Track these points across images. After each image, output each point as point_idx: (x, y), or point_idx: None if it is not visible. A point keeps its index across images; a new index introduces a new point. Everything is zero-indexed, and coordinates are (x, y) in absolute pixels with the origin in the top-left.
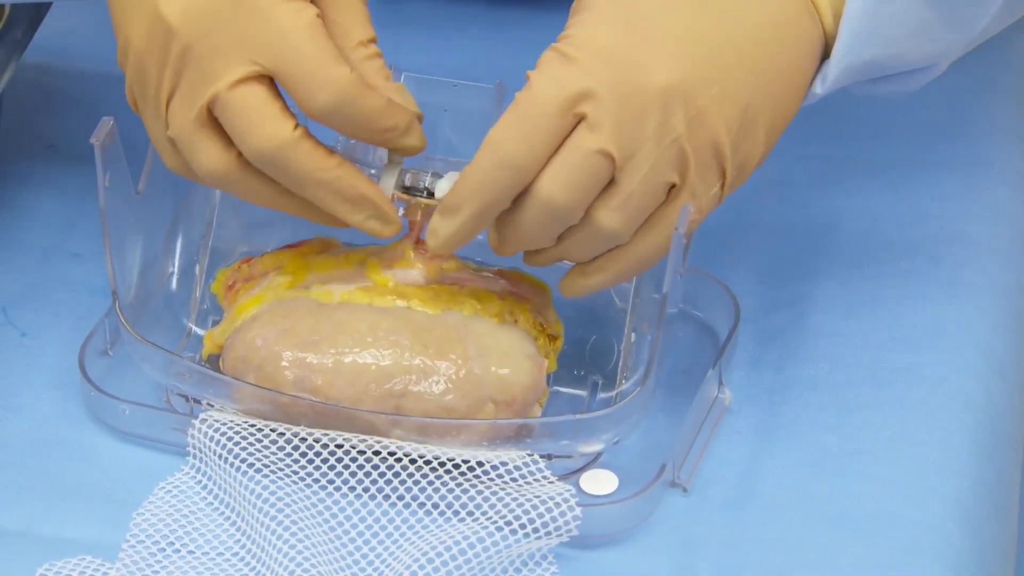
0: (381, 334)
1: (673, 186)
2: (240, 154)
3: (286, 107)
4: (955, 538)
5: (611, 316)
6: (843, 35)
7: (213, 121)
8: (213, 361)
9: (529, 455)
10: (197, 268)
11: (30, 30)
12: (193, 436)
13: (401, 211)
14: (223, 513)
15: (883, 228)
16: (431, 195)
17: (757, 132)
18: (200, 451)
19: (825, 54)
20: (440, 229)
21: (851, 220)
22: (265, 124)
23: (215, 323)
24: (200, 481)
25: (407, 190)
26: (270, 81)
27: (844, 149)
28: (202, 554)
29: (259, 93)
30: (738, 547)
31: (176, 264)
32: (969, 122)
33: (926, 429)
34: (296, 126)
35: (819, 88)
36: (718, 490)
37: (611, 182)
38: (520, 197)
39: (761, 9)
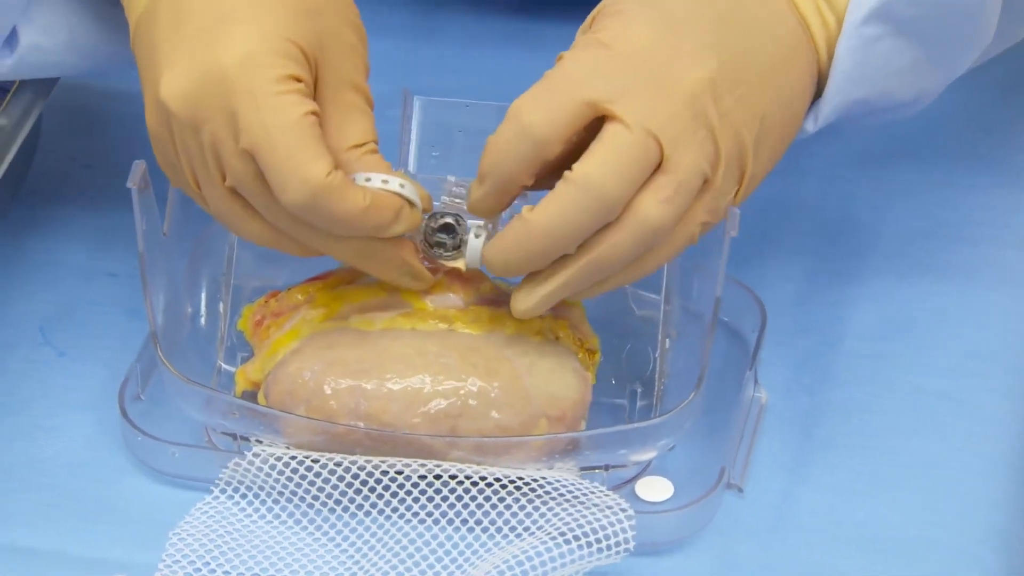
0: (430, 357)
1: (705, 182)
2: None
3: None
4: (990, 564)
5: (632, 324)
6: (834, 76)
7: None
8: (248, 398)
9: (586, 468)
10: (221, 305)
11: None
12: (241, 470)
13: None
14: (261, 538)
15: (917, 251)
16: (456, 247)
17: (768, 145)
18: (248, 485)
19: (817, 93)
20: (474, 193)
21: (884, 243)
22: (293, 178)
23: (244, 360)
24: (238, 503)
25: (431, 243)
26: None
27: (878, 171)
28: (237, 575)
29: (259, 182)
30: (772, 572)
31: (201, 302)
32: (1007, 147)
33: (961, 454)
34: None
35: (811, 126)
36: (751, 516)
37: (658, 170)
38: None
39: (775, 33)
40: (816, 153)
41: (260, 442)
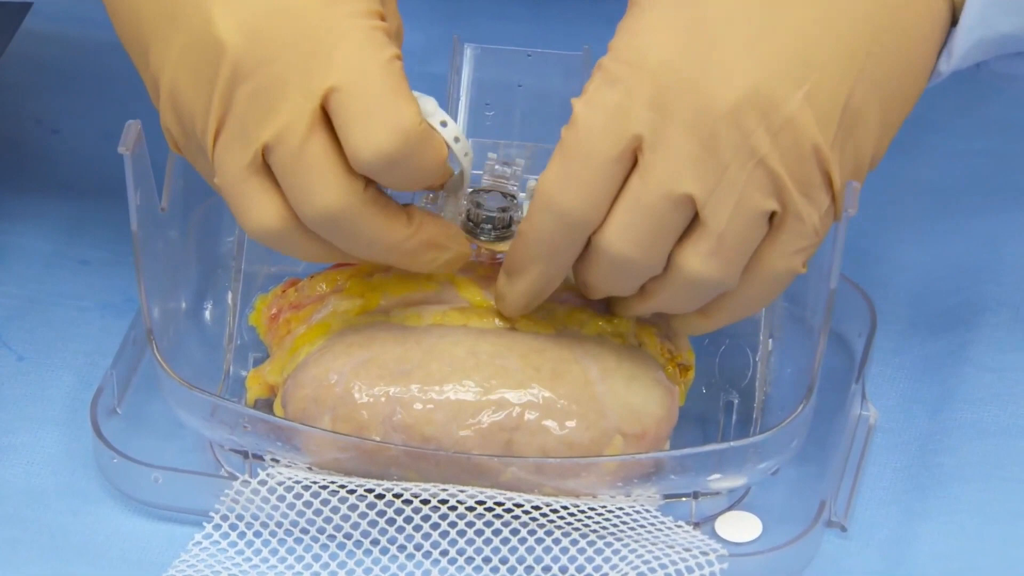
0: (484, 358)
1: (774, 213)
2: None
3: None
4: None
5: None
6: (973, 4)
7: (268, 169)
8: (262, 406)
9: (670, 497)
10: (230, 296)
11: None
12: (244, 499)
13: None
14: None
15: None
16: (506, 226)
17: (868, 124)
18: (253, 515)
19: (954, 20)
20: (507, 294)
21: (1018, 242)
22: (331, 181)
23: (257, 361)
24: (244, 536)
25: (473, 226)
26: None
27: (1019, 141)
28: None
29: (324, 143)
30: None
31: (205, 292)
32: None
33: None
34: (366, 185)
35: (944, 66)
36: (862, 559)
37: (696, 222)
38: (588, 247)
39: None
40: (940, 123)
41: (277, 461)
